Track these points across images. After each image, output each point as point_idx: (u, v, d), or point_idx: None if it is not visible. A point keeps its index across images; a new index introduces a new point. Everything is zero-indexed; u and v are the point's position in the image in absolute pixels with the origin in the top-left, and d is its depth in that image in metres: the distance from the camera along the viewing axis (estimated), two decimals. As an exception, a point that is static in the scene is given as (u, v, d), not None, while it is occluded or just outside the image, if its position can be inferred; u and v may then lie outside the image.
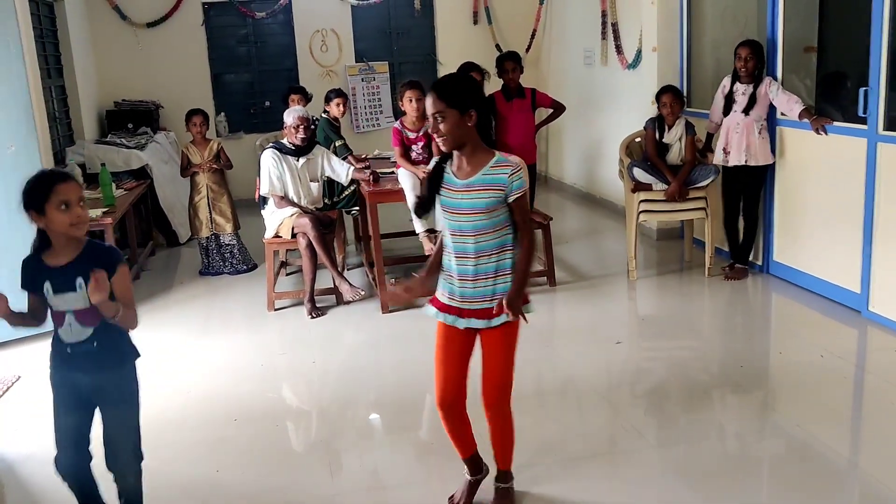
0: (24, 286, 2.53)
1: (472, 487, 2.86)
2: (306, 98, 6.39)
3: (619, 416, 3.64)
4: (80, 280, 2.46)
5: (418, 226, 5.09)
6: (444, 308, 2.66)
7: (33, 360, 4.45)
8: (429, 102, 2.55)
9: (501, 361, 2.65)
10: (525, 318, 2.59)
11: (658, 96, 5.45)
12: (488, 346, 2.66)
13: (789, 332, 4.65)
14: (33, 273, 2.50)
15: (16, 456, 3.44)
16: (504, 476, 2.85)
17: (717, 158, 5.31)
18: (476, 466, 2.86)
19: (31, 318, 2.57)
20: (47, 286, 2.47)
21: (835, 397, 3.72)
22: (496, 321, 2.60)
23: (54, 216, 2.40)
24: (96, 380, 2.54)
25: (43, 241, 2.49)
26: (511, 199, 2.56)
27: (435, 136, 2.57)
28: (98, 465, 2.64)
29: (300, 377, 4.30)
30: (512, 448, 2.81)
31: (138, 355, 2.65)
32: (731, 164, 5.22)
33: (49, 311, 2.53)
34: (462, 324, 2.63)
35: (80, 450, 2.61)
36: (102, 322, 2.51)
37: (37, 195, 2.40)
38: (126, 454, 2.64)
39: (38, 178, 2.46)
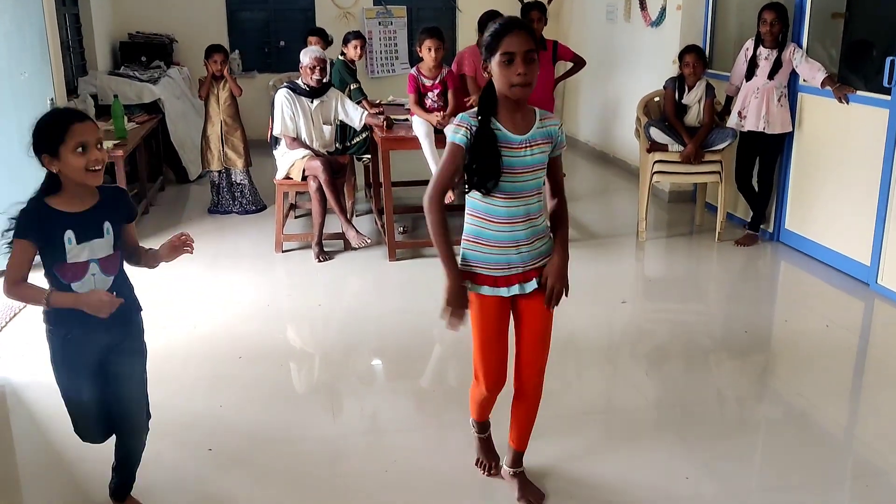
0: (28, 236, 2.23)
1: (490, 442, 2.81)
2: (325, 41, 6.30)
3: (618, 375, 3.66)
4: (107, 224, 2.31)
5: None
6: (489, 281, 2.41)
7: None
8: (517, 40, 2.23)
9: (547, 326, 2.49)
10: (567, 293, 2.46)
11: (681, 56, 5.36)
12: (532, 312, 2.47)
13: (796, 300, 4.64)
14: (45, 221, 2.24)
15: (21, 381, 3.48)
16: (520, 459, 2.71)
17: (732, 122, 5.24)
18: (487, 423, 2.80)
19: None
20: (69, 235, 2.24)
21: (837, 368, 3.72)
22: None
23: (70, 160, 2.19)
24: (114, 335, 2.38)
25: (52, 186, 2.26)
26: (556, 153, 2.43)
27: (520, 80, 2.25)
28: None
29: (305, 319, 4.32)
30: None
31: (141, 308, 2.51)
32: (746, 128, 5.16)
33: (54, 266, 2.27)
34: (507, 292, 2.41)
35: (107, 425, 2.47)
36: (120, 270, 2.38)
37: (51, 137, 2.19)
38: (141, 412, 2.54)
39: (51, 118, 2.24)
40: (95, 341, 2.36)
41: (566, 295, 2.47)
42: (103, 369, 2.41)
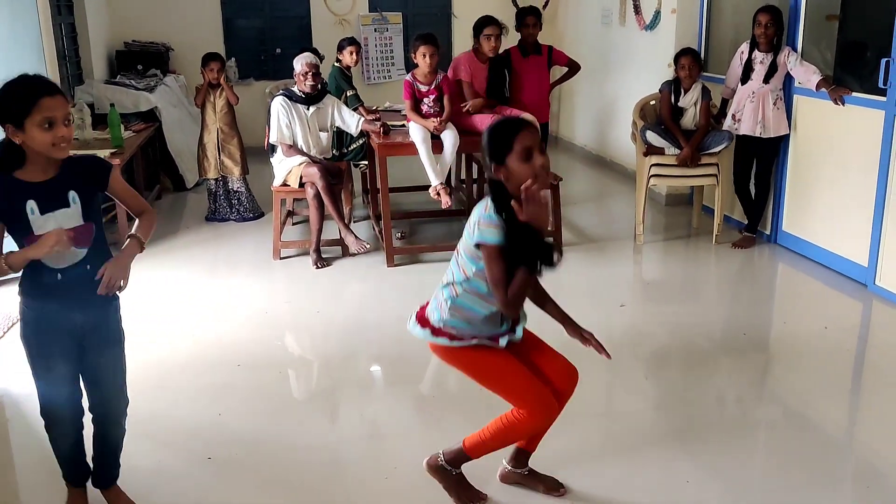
0: None
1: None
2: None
3: (618, 378, 3.66)
4: (72, 193, 2.23)
5: (433, 178, 5.04)
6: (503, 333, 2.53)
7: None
8: (531, 134, 2.33)
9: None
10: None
11: (677, 59, 5.37)
12: (535, 340, 2.63)
13: (794, 302, 4.64)
14: (7, 193, 2.18)
15: (20, 392, 3.47)
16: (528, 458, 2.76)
17: (727, 124, 5.26)
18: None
19: None
20: (31, 206, 2.17)
21: (836, 369, 3.72)
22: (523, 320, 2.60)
23: (35, 134, 2.11)
24: (90, 317, 2.32)
25: (14, 157, 2.18)
26: None
27: (543, 169, 2.33)
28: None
29: (304, 326, 4.32)
30: None
31: (122, 288, 2.36)
32: (741, 132, 5.18)
33: (23, 237, 2.22)
34: (518, 334, 2.56)
35: (78, 402, 2.42)
36: (95, 241, 2.30)
37: (17, 107, 2.10)
38: (119, 399, 2.48)
39: (19, 87, 2.14)
40: (70, 319, 2.30)
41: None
42: (79, 354, 2.35)
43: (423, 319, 2.56)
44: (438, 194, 5.03)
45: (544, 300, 2.65)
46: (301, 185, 5.14)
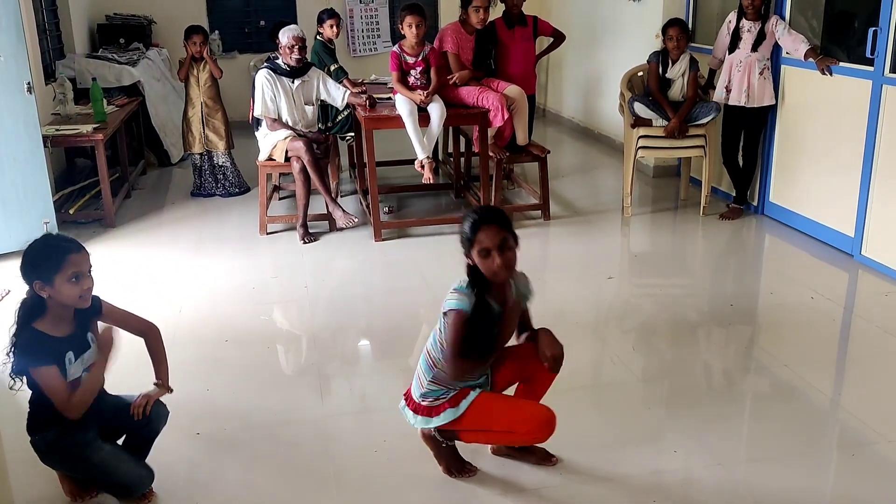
0: (48, 361, 2.32)
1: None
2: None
3: (606, 350, 3.67)
4: (90, 335, 2.45)
5: (419, 151, 5.00)
6: (455, 402, 2.56)
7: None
8: (490, 234, 2.36)
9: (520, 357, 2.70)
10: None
11: (664, 29, 5.34)
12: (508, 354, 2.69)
13: (781, 273, 4.66)
14: (49, 347, 2.34)
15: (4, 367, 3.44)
16: None
17: (718, 96, 5.24)
18: None
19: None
20: (70, 356, 2.37)
21: (822, 339, 3.75)
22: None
23: (63, 288, 2.29)
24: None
25: (37, 310, 2.35)
26: (524, 306, 2.65)
27: (499, 269, 2.38)
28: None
29: (291, 301, 4.30)
30: None
31: None
32: (731, 102, 5.16)
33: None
34: (468, 400, 2.56)
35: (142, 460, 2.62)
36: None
37: (47, 266, 2.28)
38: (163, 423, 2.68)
39: (47, 248, 2.32)
40: (98, 424, 2.52)
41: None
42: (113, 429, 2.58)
43: (408, 397, 2.66)
44: (423, 167, 5.01)
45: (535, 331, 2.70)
46: (287, 159, 5.10)
